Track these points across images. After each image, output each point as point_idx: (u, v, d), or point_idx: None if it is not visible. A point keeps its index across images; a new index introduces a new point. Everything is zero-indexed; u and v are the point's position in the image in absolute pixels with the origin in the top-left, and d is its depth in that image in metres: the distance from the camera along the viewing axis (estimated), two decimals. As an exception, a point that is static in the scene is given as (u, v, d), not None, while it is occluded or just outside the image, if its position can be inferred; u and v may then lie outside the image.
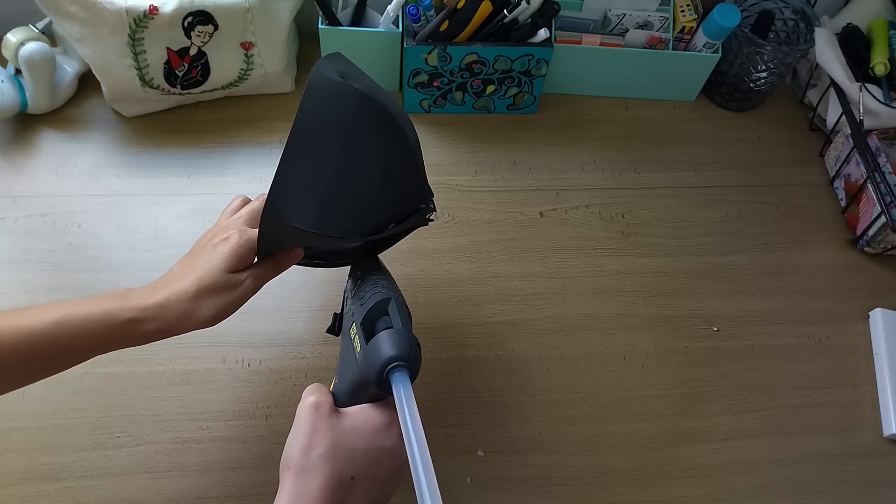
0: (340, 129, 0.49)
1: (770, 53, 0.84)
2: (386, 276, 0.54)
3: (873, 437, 0.71)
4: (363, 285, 0.51)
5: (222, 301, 0.51)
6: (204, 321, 0.50)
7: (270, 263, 0.54)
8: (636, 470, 0.67)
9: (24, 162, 0.79)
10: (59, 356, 0.48)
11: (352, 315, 0.50)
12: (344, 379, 0.49)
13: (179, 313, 0.49)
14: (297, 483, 0.43)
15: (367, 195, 0.50)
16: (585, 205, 0.83)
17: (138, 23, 0.74)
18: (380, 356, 0.44)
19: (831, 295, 0.80)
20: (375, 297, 0.49)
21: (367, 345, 0.46)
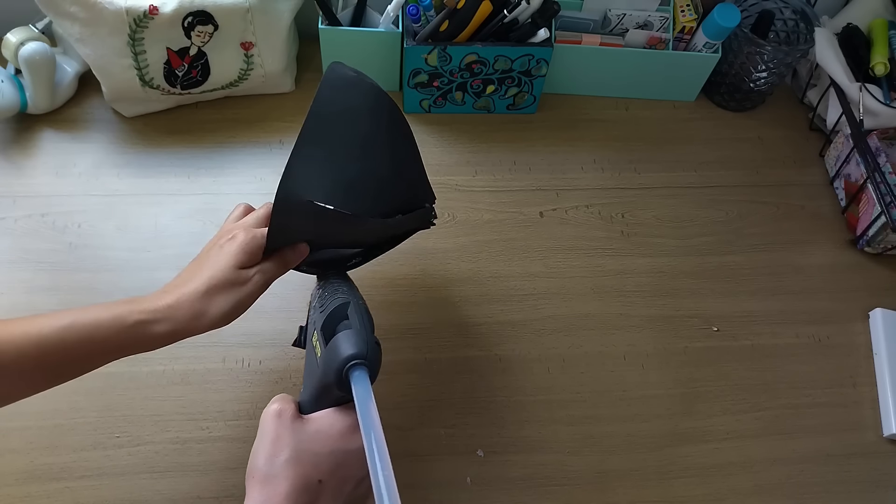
0: (356, 116, 0.51)
1: (770, 53, 0.84)
2: (347, 282, 0.54)
3: (873, 437, 0.71)
4: (323, 294, 0.52)
5: (233, 298, 0.50)
6: (215, 320, 0.50)
7: (278, 259, 0.54)
8: (636, 470, 0.67)
9: (24, 162, 0.79)
10: (69, 362, 0.47)
11: (313, 323, 0.50)
12: (308, 386, 0.49)
13: (191, 313, 0.49)
14: (263, 490, 0.43)
15: (379, 180, 0.52)
16: (585, 205, 0.83)
17: (138, 23, 0.74)
18: (338, 356, 0.44)
19: (831, 295, 0.80)
20: (335, 303, 0.49)
21: (325, 347, 0.46)
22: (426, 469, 0.65)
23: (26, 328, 0.46)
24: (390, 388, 0.68)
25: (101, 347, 0.48)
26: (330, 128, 0.50)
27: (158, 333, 0.48)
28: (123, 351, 0.49)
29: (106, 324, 0.47)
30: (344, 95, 0.51)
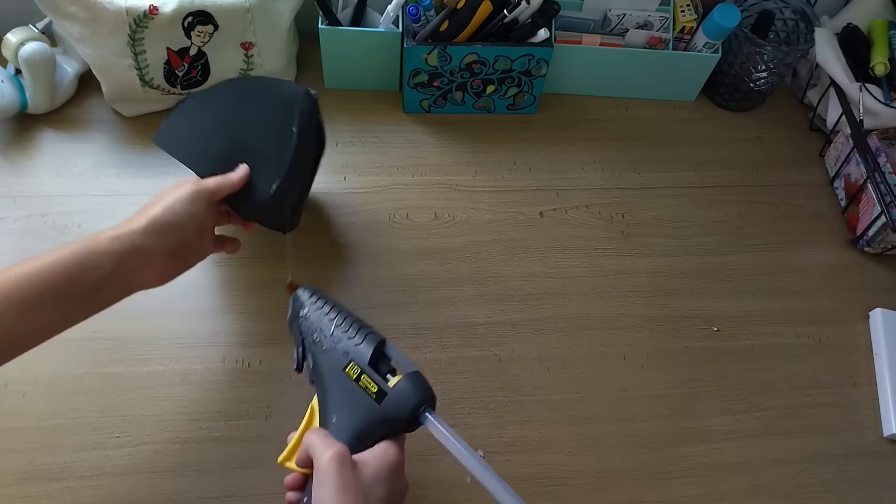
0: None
1: (770, 53, 0.84)
2: (341, 307, 0.55)
3: (873, 437, 0.71)
4: (341, 322, 0.53)
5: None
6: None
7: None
8: (636, 470, 0.67)
9: (24, 162, 0.79)
10: (39, 289, 0.48)
11: (345, 354, 0.51)
12: (352, 418, 0.49)
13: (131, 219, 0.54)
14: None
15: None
16: (585, 205, 0.83)
17: (138, 23, 0.74)
18: (411, 399, 0.48)
19: (831, 295, 0.80)
20: (372, 339, 0.51)
21: (391, 387, 0.49)
22: (426, 469, 0.65)
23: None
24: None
25: (60, 265, 0.49)
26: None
27: (104, 239, 0.51)
28: (80, 264, 0.50)
29: (63, 248, 0.50)
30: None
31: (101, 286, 0.51)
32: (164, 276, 0.57)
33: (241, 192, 0.61)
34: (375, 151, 0.84)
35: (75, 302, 0.50)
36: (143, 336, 0.69)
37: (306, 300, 0.55)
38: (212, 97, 0.67)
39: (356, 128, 0.86)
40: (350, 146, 0.84)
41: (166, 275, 0.57)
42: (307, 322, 0.54)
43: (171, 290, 0.71)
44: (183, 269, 0.59)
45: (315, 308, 0.54)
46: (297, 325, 0.55)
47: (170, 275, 0.58)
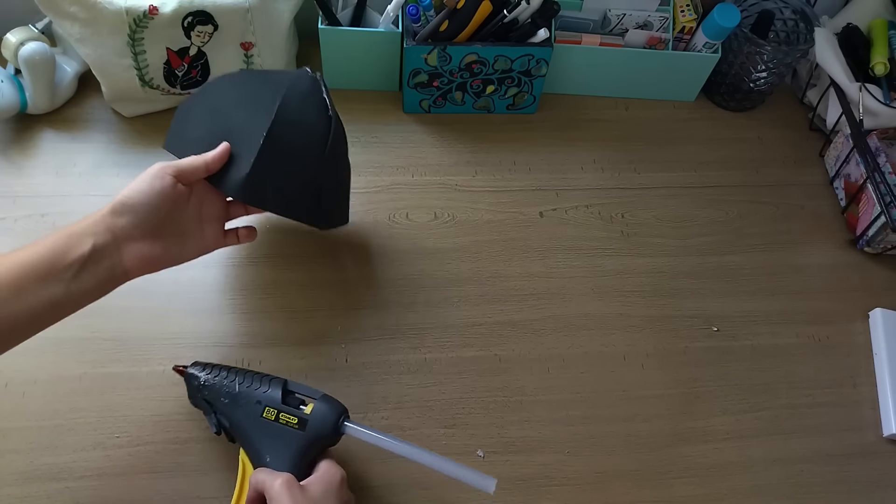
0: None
1: (770, 53, 0.84)
2: (245, 368, 0.61)
3: (873, 437, 0.71)
4: (242, 380, 0.59)
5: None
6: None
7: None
8: (636, 470, 0.67)
9: (23, 162, 0.79)
10: (23, 271, 0.49)
11: (258, 403, 0.57)
12: (285, 451, 0.56)
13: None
14: None
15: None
16: (585, 205, 0.83)
17: (138, 23, 0.74)
18: (329, 416, 0.56)
19: (831, 295, 0.80)
20: (277, 382, 0.59)
21: (309, 414, 0.56)
22: (426, 469, 0.65)
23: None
24: (390, 388, 0.68)
25: (41, 247, 0.50)
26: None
27: (83, 221, 0.52)
28: (58, 245, 0.51)
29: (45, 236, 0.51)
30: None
31: (84, 269, 0.51)
32: (150, 261, 0.56)
33: (225, 171, 0.60)
34: (375, 151, 0.84)
35: (59, 285, 0.50)
36: (143, 336, 0.69)
37: (200, 374, 0.60)
38: (208, 91, 0.66)
39: (356, 128, 0.86)
40: (350, 146, 0.84)
41: (153, 260, 0.56)
42: (210, 391, 0.59)
43: (171, 290, 0.71)
44: (176, 255, 0.58)
45: (212, 378, 0.60)
46: (201, 397, 0.60)
47: (157, 260, 0.56)
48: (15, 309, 0.48)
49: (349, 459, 0.64)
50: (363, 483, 0.63)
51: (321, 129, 0.65)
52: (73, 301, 0.52)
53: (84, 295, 0.52)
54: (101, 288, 0.53)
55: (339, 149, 0.67)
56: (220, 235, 0.63)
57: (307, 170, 0.64)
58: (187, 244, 0.59)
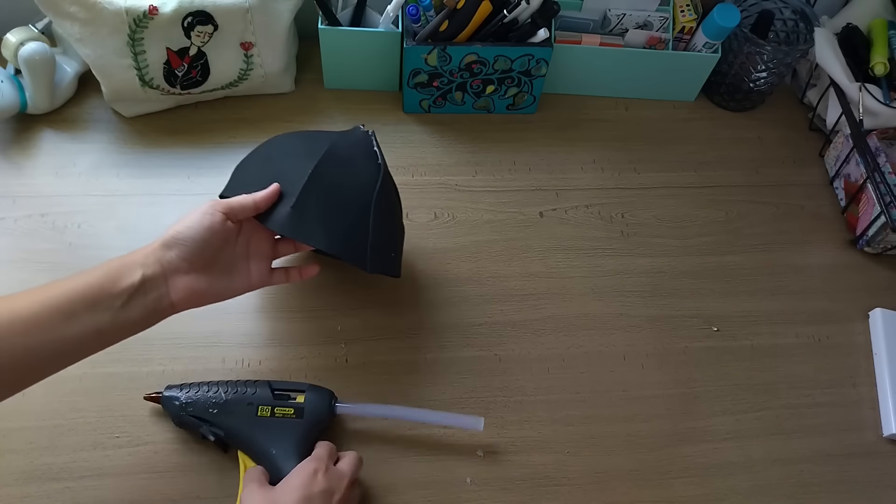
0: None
1: (770, 53, 0.84)
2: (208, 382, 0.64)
3: (873, 437, 0.71)
4: (226, 389, 0.62)
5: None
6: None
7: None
8: (636, 470, 0.67)
9: (23, 162, 0.79)
10: (73, 297, 0.50)
11: (250, 405, 0.61)
12: (289, 440, 0.60)
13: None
14: None
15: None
16: (585, 205, 0.83)
17: (138, 23, 0.74)
18: (323, 400, 0.62)
19: (831, 295, 0.80)
20: (262, 383, 0.62)
21: (304, 402, 0.61)
22: (426, 469, 0.65)
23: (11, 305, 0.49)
24: (390, 388, 0.68)
25: (93, 276, 0.51)
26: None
27: (137, 254, 0.54)
28: (111, 274, 0.52)
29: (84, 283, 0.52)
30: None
31: (132, 298, 0.52)
32: (196, 294, 0.56)
33: (272, 209, 0.60)
34: (375, 151, 0.84)
35: (107, 312, 0.51)
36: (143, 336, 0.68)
37: (179, 395, 0.62)
38: (263, 147, 0.67)
39: (356, 128, 0.86)
40: (350, 146, 0.84)
41: (199, 294, 0.56)
42: (195, 407, 0.61)
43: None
44: (221, 290, 0.59)
45: (193, 394, 0.62)
46: (186, 415, 0.61)
47: (203, 294, 0.57)
48: (64, 334, 0.49)
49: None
50: (363, 483, 0.63)
51: (369, 174, 0.64)
52: (119, 330, 0.52)
53: (130, 325, 0.53)
54: (147, 319, 0.54)
55: (389, 198, 0.67)
56: (266, 273, 0.63)
57: (354, 210, 0.62)
58: (234, 280, 0.60)
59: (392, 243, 0.68)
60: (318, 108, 0.87)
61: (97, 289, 0.51)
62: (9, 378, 0.49)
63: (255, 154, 0.67)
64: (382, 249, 0.65)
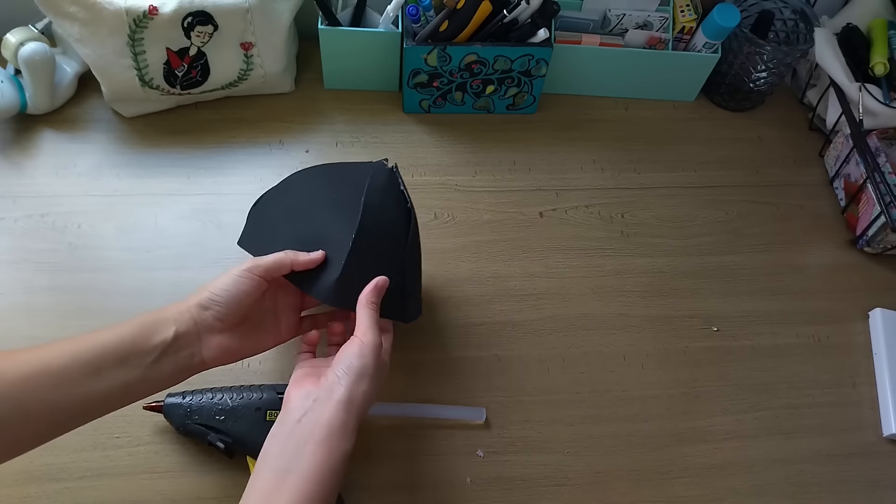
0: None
1: (770, 53, 0.84)
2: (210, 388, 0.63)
3: (873, 437, 0.71)
4: (232, 395, 0.61)
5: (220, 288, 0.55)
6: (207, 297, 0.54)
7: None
8: (636, 470, 0.67)
9: (23, 162, 0.79)
10: (104, 352, 0.49)
11: (258, 410, 0.60)
12: None
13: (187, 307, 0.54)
14: None
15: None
16: (585, 205, 0.83)
17: (138, 23, 0.74)
18: None
19: (831, 295, 0.80)
20: (268, 387, 0.62)
21: None
22: (426, 469, 0.65)
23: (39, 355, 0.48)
24: (390, 388, 0.68)
25: (126, 329, 0.50)
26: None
27: (170, 309, 0.53)
28: (144, 329, 0.51)
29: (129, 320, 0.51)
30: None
31: (164, 354, 0.51)
32: (228, 352, 0.56)
33: (313, 274, 0.59)
34: (375, 152, 0.84)
35: (137, 369, 0.50)
36: (142, 336, 0.68)
37: (183, 402, 0.61)
38: (284, 190, 0.65)
39: (356, 128, 0.86)
40: (350, 146, 0.84)
41: (231, 352, 0.56)
42: (200, 414, 0.61)
43: (169, 291, 0.71)
44: (252, 347, 0.58)
45: (197, 401, 0.61)
46: (190, 424, 0.61)
47: (235, 352, 0.56)
48: (91, 388, 0.48)
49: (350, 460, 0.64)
50: (363, 483, 0.63)
51: (402, 225, 0.62)
52: (147, 386, 0.51)
53: (159, 381, 0.52)
54: (177, 375, 0.53)
55: (417, 239, 0.65)
56: (295, 325, 0.62)
57: (392, 266, 0.61)
58: (264, 337, 0.59)
59: (419, 285, 0.66)
60: (318, 108, 0.87)
61: (128, 344, 0.50)
62: (31, 431, 0.47)
63: (277, 198, 0.65)
64: (415, 295, 0.64)
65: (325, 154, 0.83)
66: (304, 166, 0.67)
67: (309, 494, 0.45)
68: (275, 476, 0.46)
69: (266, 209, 0.65)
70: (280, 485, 0.46)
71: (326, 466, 0.46)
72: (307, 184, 0.65)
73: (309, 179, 0.66)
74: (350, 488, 0.63)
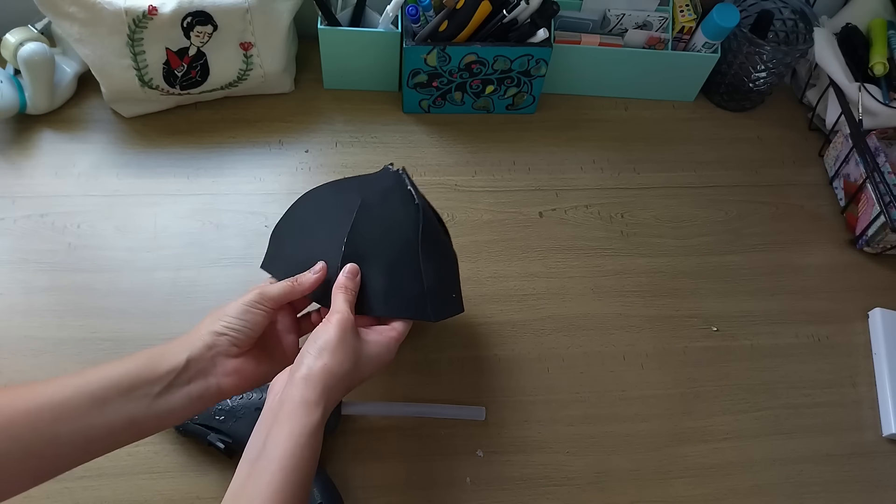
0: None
1: (769, 53, 0.84)
2: None
3: (873, 436, 0.71)
4: (232, 397, 0.58)
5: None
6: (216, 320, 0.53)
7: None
8: (636, 470, 0.67)
9: (23, 162, 0.79)
10: (109, 385, 0.47)
11: (257, 409, 0.59)
12: None
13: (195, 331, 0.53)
14: None
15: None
16: (585, 205, 0.83)
17: (137, 23, 0.74)
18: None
19: (830, 295, 0.80)
20: (264, 389, 0.60)
21: None
22: (426, 469, 0.65)
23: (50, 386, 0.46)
24: (391, 388, 0.68)
25: (131, 363, 0.49)
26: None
27: (180, 340, 0.52)
28: (152, 361, 0.49)
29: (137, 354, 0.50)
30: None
31: (174, 384, 0.49)
32: (245, 377, 0.54)
33: (324, 288, 0.57)
34: (375, 152, 0.84)
35: (144, 399, 0.48)
36: (142, 336, 0.68)
37: None
38: (295, 210, 0.64)
39: (355, 128, 0.86)
40: (349, 146, 0.84)
41: (248, 376, 0.54)
42: (200, 415, 0.61)
43: (169, 291, 0.71)
44: (266, 371, 0.56)
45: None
46: (189, 424, 0.61)
47: (251, 376, 0.54)
48: (93, 422, 0.46)
49: (349, 459, 0.64)
50: (363, 483, 0.63)
51: (409, 221, 0.60)
52: (155, 419, 0.49)
53: (169, 413, 0.49)
54: (190, 406, 0.50)
55: (433, 239, 0.61)
56: (295, 345, 0.60)
57: (403, 265, 0.58)
58: (274, 359, 0.57)
59: (449, 283, 0.63)
60: (318, 108, 0.87)
61: (134, 375, 0.48)
62: (30, 466, 0.45)
63: (289, 218, 0.64)
64: (440, 293, 0.60)
65: (325, 154, 0.83)
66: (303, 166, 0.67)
67: (279, 479, 0.44)
68: (247, 465, 0.46)
69: (282, 230, 0.64)
70: (251, 472, 0.45)
71: (289, 444, 0.45)
72: (316, 199, 0.64)
73: (319, 194, 0.64)
74: (350, 488, 0.63)
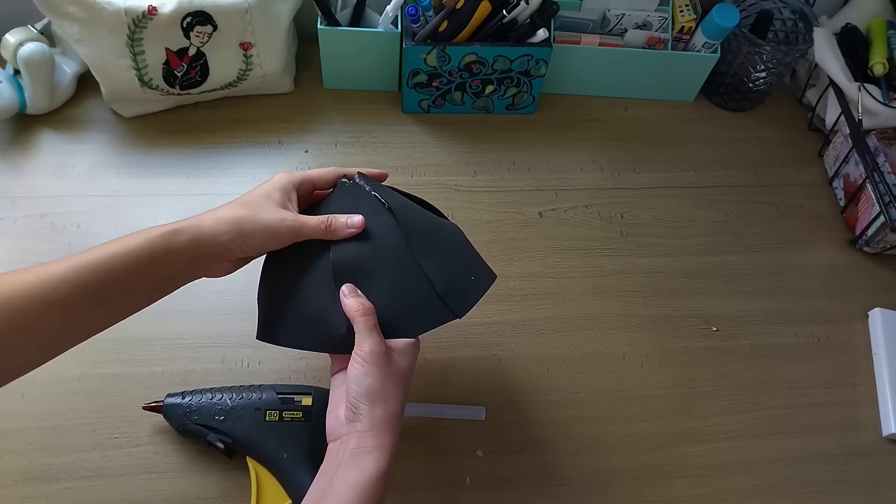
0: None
1: (769, 53, 0.85)
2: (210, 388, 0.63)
3: (873, 436, 0.71)
4: (231, 395, 0.62)
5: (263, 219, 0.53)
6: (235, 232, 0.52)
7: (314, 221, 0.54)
8: (636, 470, 0.67)
9: (22, 162, 0.79)
10: (107, 283, 0.47)
11: (257, 410, 0.61)
12: (298, 446, 0.60)
13: (213, 220, 0.51)
14: None
15: None
16: (584, 205, 0.83)
17: (137, 23, 0.74)
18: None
19: (830, 295, 0.80)
20: (267, 387, 0.62)
21: (311, 405, 0.61)
22: (426, 469, 0.65)
23: (62, 262, 0.47)
24: (390, 388, 0.68)
25: (134, 261, 0.48)
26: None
27: (182, 241, 0.50)
28: (155, 263, 0.49)
29: (137, 241, 0.49)
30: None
31: (171, 278, 0.51)
32: (230, 268, 0.55)
33: (323, 334, 0.55)
34: (374, 151, 0.84)
35: (144, 294, 0.51)
36: (142, 336, 0.68)
37: (183, 402, 0.61)
38: (267, 269, 0.59)
39: (355, 128, 0.86)
40: (349, 146, 0.84)
41: (232, 267, 0.55)
42: (200, 414, 0.61)
43: (170, 291, 0.71)
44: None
45: (197, 401, 0.61)
46: (191, 423, 0.61)
47: (234, 266, 0.55)
48: (96, 316, 0.49)
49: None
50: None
51: (391, 233, 0.56)
52: (149, 304, 0.52)
53: (160, 297, 0.52)
54: (176, 288, 0.52)
55: (422, 231, 0.57)
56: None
57: (406, 280, 0.55)
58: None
59: (462, 266, 0.58)
60: (318, 108, 0.87)
61: (137, 276, 0.49)
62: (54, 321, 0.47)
63: (266, 284, 0.59)
64: (456, 285, 0.56)
65: (325, 154, 0.83)
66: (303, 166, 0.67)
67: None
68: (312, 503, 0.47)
69: (264, 297, 0.59)
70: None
71: (356, 489, 0.46)
72: (284, 254, 0.57)
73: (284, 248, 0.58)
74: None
